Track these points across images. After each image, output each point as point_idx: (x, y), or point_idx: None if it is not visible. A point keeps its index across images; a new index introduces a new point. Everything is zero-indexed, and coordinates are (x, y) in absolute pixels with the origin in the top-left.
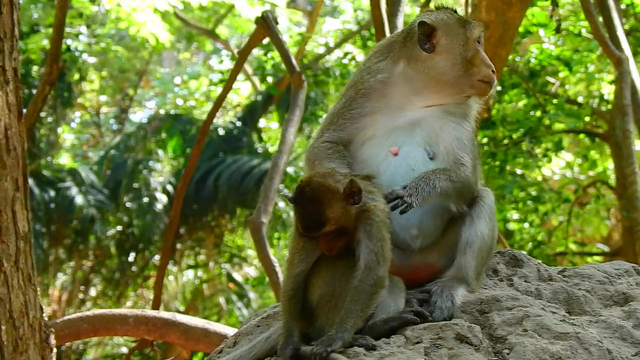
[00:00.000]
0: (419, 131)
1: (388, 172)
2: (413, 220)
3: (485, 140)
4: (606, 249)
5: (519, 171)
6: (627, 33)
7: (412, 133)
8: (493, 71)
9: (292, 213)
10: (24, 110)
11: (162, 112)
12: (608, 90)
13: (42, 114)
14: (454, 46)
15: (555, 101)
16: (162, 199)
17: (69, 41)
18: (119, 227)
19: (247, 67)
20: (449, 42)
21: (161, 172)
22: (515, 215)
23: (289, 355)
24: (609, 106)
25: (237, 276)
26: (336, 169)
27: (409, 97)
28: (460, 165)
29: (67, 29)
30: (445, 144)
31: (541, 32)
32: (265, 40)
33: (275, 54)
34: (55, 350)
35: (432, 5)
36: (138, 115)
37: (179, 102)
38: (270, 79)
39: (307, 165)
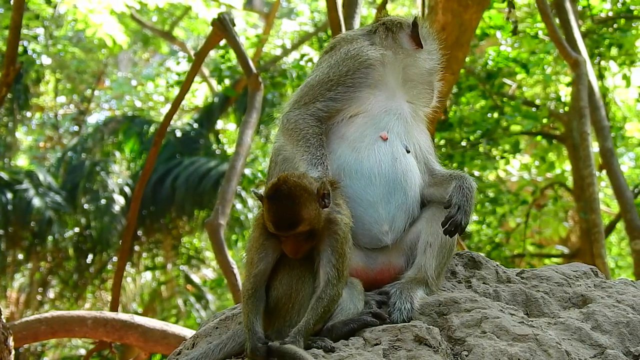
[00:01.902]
0: (402, 122)
1: (375, 157)
2: (385, 215)
3: (442, 142)
4: (565, 250)
5: (476, 173)
6: (584, 35)
7: (397, 122)
8: None
9: (250, 215)
10: None
11: (118, 113)
12: (565, 92)
13: None
14: (436, 50)
15: (512, 103)
16: (120, 200)
17: (25, 43)
18: (77, 229)
19: (204, 69)
20: (433, 45)
21: (118, 173)
22: (473, 216)
23: (263, 351)
24: (566, 108)
25: (195, 278)
26: (308, 171)
27: (398, 84)
28: (438, 168)
29: (24, 31)
30: (415, 144)
31: (498, 34)
32: (222, 42)
33: (232, 56)
34: (13, 352)
35: (388, 7)
36: (96, 117)
37: (138, 104)
38: (227, 81)
39: (282, 130)
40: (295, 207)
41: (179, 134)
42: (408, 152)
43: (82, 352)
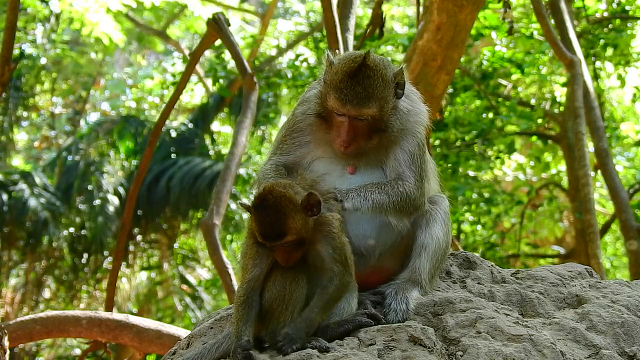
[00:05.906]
0: (365, 156)
1: (346, 187)
2: (370, 231)
3: (437, 142)
4: (560, 250)
5: (471, 173)
6: (579, 35)
7: (356, 159)
8: (344, 144)
9: (244, 215)
10: None
11: (113, 113)
12: (560, 93)
13: None
14: (322, 92)
15: (507, 103)
16: (114, 200)
17: (25, 46)
18: (72, 229)
19: (199, 69)
20: (323, 87)
21: (113, 174)
22: (468, 217)
23: (241, 358)
24: (561, 108)
25: (190, 278)
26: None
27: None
28: (400, 181)
29: (24, 35)
30: (392, 162)
31: (493, 34)
32: (217, 42)
33: (227, 56)
34: (8, 351)
35: (384, 8)
36: (92, 117)
37: (132, 104)
38: (222, 81)
39: (256, 185)
40: (282, 217)
41: (173, 134)
42: (387, 176)
43: (77, 352)
